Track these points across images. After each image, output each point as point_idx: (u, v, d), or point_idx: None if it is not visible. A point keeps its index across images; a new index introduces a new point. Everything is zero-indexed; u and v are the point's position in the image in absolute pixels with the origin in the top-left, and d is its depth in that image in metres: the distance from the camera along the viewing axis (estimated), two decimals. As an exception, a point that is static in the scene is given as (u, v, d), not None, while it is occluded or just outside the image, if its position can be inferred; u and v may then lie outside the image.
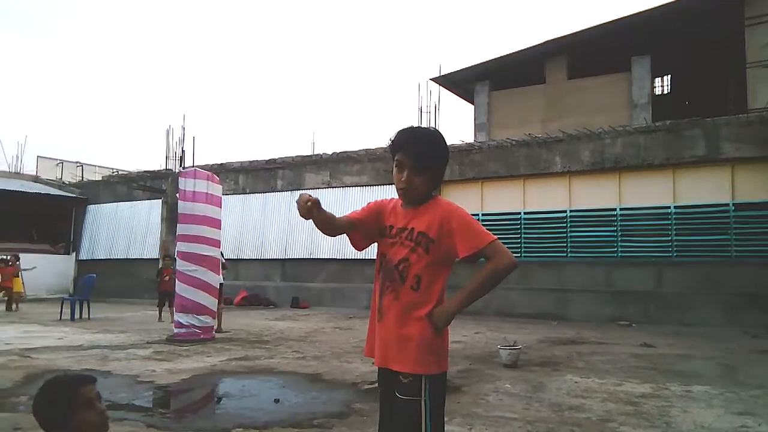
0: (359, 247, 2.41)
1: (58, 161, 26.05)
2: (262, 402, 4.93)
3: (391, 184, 2.27)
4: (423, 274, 2.12)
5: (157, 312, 12.03)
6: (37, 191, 20.66)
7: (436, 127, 16.85)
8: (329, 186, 17.04)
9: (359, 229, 2.30)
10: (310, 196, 2.07)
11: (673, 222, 12.75)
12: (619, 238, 13.24)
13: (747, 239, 12.03)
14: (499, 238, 2.10)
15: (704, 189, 12.54)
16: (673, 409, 4.68)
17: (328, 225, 2.21)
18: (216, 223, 9.32)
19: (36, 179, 22.68)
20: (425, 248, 2.12)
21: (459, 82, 21.30)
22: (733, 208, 12.21)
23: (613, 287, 13.07)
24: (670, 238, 12.75)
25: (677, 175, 12.85)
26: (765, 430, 4.06)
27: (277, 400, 4.90)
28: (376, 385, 2.30)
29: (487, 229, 2.13)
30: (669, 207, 12.83)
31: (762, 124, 12.04)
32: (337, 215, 2.27)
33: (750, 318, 11.35)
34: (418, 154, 2.14)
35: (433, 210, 2.16)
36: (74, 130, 70.55)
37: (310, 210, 2.04)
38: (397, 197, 2.28)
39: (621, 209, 13.32)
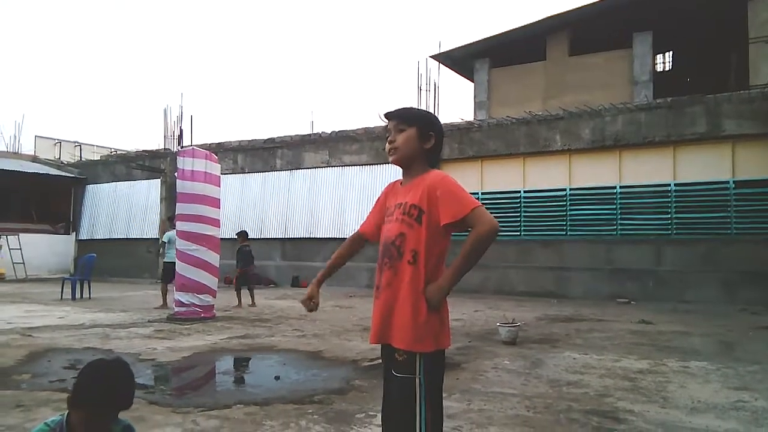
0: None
1: (57, 141, 25.96)
2: (262, 379, 4.97)
3: (391, 163, 2.34)
4: (419, 247, 2.11)
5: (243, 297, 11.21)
6: (36, 171, 20.60)
7: (436, 105, 16.61)
8: (328, 165, 16.99)
9: (369, 235, 2.45)
10: (306, 301, 2.40)
11: (673, 199, 12.74)
12: (619, 216, 13.24)
13: (747, 216, 12.03)
14: (498, 217, 2.11)
15: (705, 166, 12.51)
16: (671, 385, 4.72)
17: (341, 264, 2.49)
18: (215, 202, 9.31)
19: (34, 159, 22.60)
20: (418, 220, 2.13)
21: (459, 60, 21.09)
22: (733, 185, 12.19)
23: (613, 265, 13.10)
24: (669, 215, 12.75)
25: (678, 153, 12.80)
26: (761, 405, 4.09)
27: (277, 377, 4.94)
28: (376, 362, 2.32)
29: (487, 207, 2.12)
30: (669, 184, 12.80)
31: (764, 100, 11.95)
32: (337, 195, 2.38)
33: (748, 295, 11.41)
34: (399, 114, 2.30)
35: (424, 181, 2.18)
36: (72, 110, 70.12)
37: (313, 304, 2.41)
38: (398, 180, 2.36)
39: (621, 187, 13.30)
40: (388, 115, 2.32)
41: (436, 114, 16.20)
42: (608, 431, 3.51)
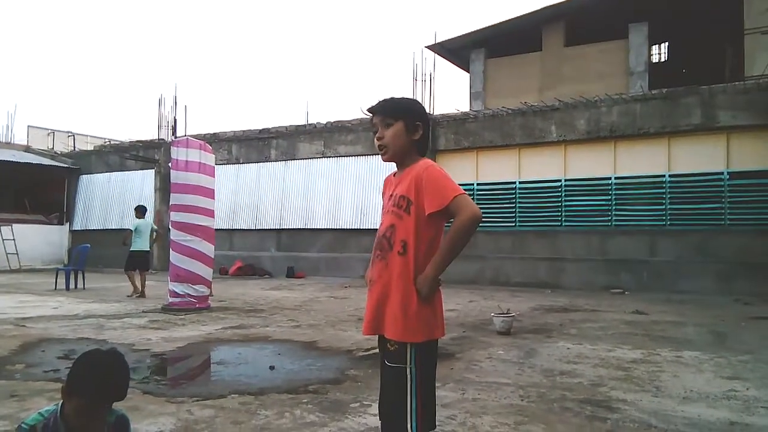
0: None
1: (50, 131, 25.75)
2: (257, 369, 4.97)
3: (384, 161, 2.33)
4: (408, 238, 2.11)
5: None
6: (29, 161, 20.48)
7: (431, 95, 16.54)
8: (323, 156, 16.94)
9: None
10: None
11: (668, 190, 12.77)
12: (614, 207, 13.28)
13: (740, 208, 12.09)
14: (494, 208, 2.11)
15: (699, 157, 12.54)
16: (664, 374, 4.74)
17: None
18: (209, 193, 9.27)
19: (27, 149, 22.46)
20: (407, 210, 2.13)
21: (455, 50, 21.03)
22: (728, 176, 12.23)
23: (607, 256, 13.15)
24: (664, 206, 12.79)
25: (672, 144, 12.82)
26: (753, 394, 4.12)
27: (272, 367, 4.94)
28: (371, 352, 2.33)
29: (482, 198, 2.13)
30: (664, 175, 12.84)
31: (759, 91, 11.98)
32: (332, 186, 2.33)
33: (741, 286, 11.48)
34: (383, 109, 2.25)
35: (413, 171, 2.17)
36: (65, 100, 69.63)
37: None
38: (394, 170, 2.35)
39: (616, 178, 13.32)
40: (372, 110, 2.28)
41: (430, 105, 16.22)
42: (601, 420, 3.53)
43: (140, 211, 11.51)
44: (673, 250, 12.53)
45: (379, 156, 2.32)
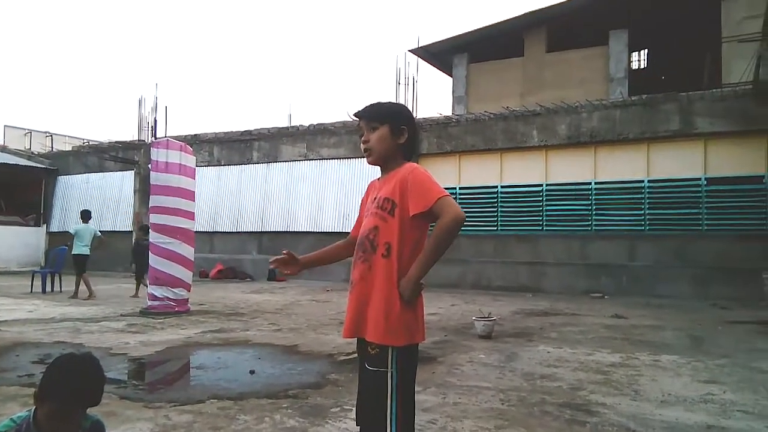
0: None
1: (27, 131, 25.36)
2: (237, 373, 4.92)
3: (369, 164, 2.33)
4: (392, 240, 2.10)
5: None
6: (5, 162, 20.12)
7: (414, 99, 16.58)
8: (306, 158, 16.89)
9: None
10: (276, 259, 2.40)
11: (647, 196, 12.94)
12: (594, 212, 13.41)
13: (718, 213, 12.29)
14: (476, 211, 2.11)
15: (677, 163, 12.73)
16: (642, 378, 4.78)
17: (327, 261, 2.50)
18: (190, 195, 9.18)
19: (3, 149, 22.06)
20: (391, 213, 2.12)
21: (437, 54, 21.13)
22: (705, 182, 12.42)
23: (587, 260, 13.27)
24: (643, 211, 12.95)
25: (651, 150, 13.00)
26: (729, 398, 4.18)
27: (252, 372, 4.89)
28: (352, 356, 2.32)
29: (464, 202, 2.14)
30: (643, 181, 13.00)
31: (736, 98, 12.19)
32: (315, 189, 2.32)
33: (718, 290, 11.66)
34: (369, 113, 2.26)
35: (398, 174, 2.17)
36: (43, 99, 68.56)
37: (287, 265, 2.40)
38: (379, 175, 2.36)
39: (596, 183, 13.46)
40: (358, 115, 2.29)
41: (413, 109, 16.25)
42: (580, 424, 3.54)
43: (84, 215, 11.50)
44: (652, 255, 12.69)
45: (363, 159, 2.33)
